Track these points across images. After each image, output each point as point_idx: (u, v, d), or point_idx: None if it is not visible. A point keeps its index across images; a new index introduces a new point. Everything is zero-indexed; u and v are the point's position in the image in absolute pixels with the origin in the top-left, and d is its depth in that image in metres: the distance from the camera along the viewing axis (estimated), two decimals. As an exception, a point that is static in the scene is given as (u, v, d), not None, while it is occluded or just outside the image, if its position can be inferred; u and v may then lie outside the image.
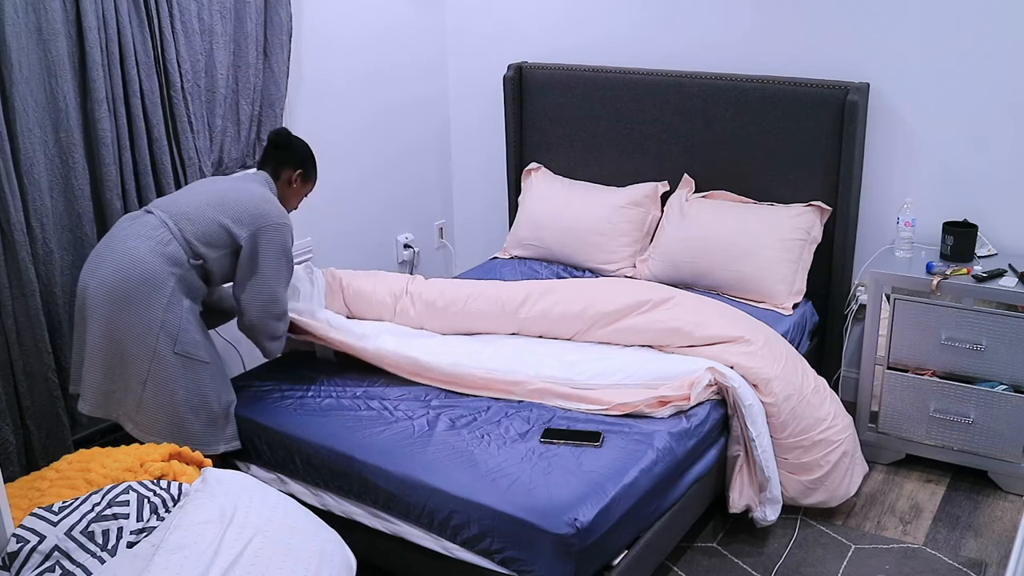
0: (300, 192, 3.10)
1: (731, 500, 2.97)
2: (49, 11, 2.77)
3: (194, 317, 2.76)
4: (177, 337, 2.68)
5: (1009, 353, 3.16)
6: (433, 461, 2.57)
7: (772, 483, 2.93)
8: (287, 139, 3.05)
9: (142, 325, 2.64)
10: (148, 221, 2.74)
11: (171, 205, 2.79)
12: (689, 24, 3.85)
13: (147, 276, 2.64)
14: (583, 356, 3.03)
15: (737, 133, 3.71)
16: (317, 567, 2.00)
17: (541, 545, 2.32)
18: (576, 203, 3.96)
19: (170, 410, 2.70)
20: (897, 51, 3.47)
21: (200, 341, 2.76)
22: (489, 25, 4.34)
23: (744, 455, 2.94)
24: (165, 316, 2.66)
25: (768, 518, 2.97)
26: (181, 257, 2.71)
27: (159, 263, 2.67)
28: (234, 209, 2.80)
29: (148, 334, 2.64)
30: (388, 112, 4.23)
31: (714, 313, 3.16)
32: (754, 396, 2.89)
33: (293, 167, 3.04)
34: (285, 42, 3.51)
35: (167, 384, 2.68)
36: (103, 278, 2.65)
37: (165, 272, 2.67)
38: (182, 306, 2.71)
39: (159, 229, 2.71)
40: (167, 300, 2.66)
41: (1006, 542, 3.02)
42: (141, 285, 2.64)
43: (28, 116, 2.77)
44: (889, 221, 3.62)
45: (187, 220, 2.75)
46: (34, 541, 1.86)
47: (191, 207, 2.78)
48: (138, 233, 2.71)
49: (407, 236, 4.44)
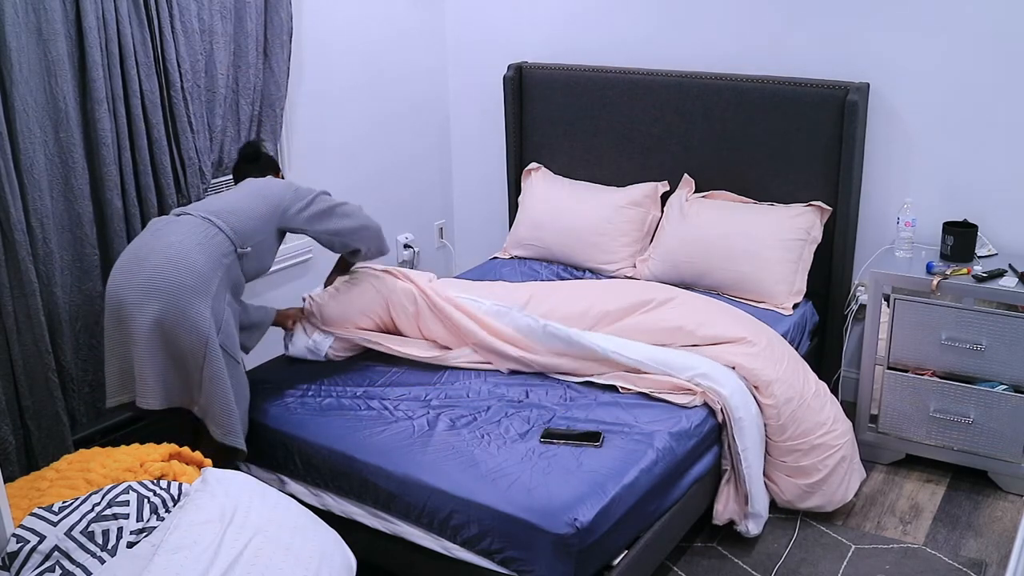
0: None
1: (715, 512, 2.97)
2: (49, 11, 2.77)
3: (233, 313, 2.81)
4: (221, 329, 2.72)
5: (1009, 353, 3.16)
6: (433, 461, 2.57)
7: (755, 498, 2.94)
8: (258, 151, 3.21)
9: (195, 315, 2.64)
10: (186, 221, 2.78)
11: (206, 205, 2.86)
12: (689, 24, 3.85)
13: (198, 268, 2.67)
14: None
15: (737, 133, 3.71)
16: (317, 567, 2.00)
17: (541, 545, 2.32)
18: (576, 203, 3.96)
19: (224, 398, 2.72)
20: (897, 51, 3.47)
21: (236, 339, 2.82)
22: (489, 25, 4.34)
23: (732, 469, 2.95)
24: (214, 306, 2.70)
25: (751, 532, 2.98)
26: (227, 247, 2.78)
27: (207, 255, 2.71)
28: (268, 184, 2.98)
29: (202, 322, 2.66)
30: (388, 112, 4.23)
31: (717, 313, 3.16)
32: (746, 410, 2.88)
33: (272, 172, 3.16)
34: (285, 42, 3.51)
35: (217, 373, 2.70)
36: (150, 276, 2.64)
37: (214, 263, 2.72)
38: (224, 300, 2.76)
39: (202, 225, 2.76)
40: (215, 292, 2.71)
41: (1006, 542, 3.02)
42: (193, 277, 2.66)
43: (28, 116, 2.77)
44: (889, 221, 3.62)
45: (227, 211, 2.83)
46: (34, 541, 1.86)
47: (225, 201, 2.88)
48: (179, 231, 2.74)
49: (407, 236, 4.44)
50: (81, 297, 3.02)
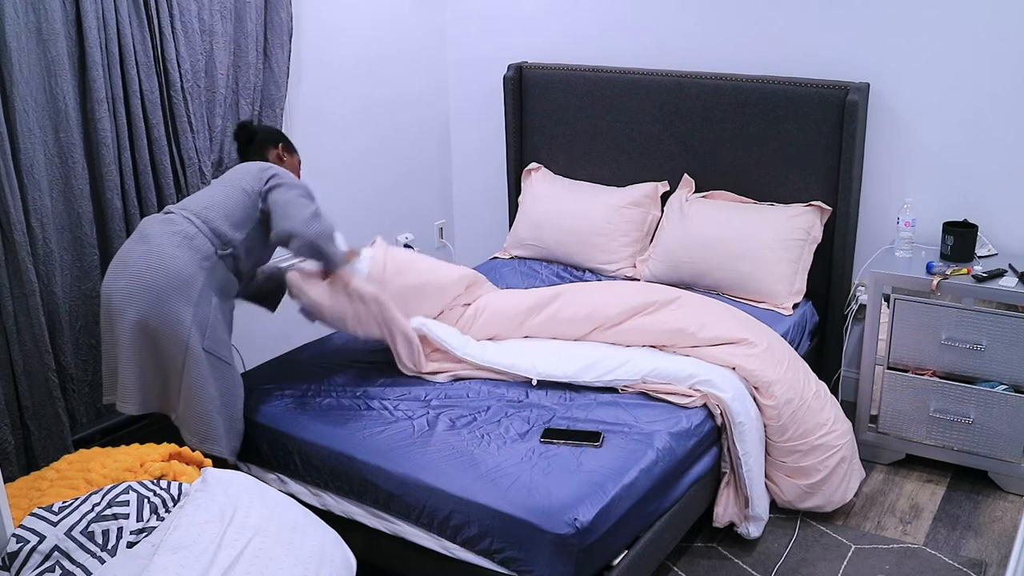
0: (292, 165, 3.13)
1: (716, 514, 2.97)
2: (49, 11, 2.77)
3: (222, 316, 2.78)
4: (205, 333, 2.70)
5: (1009, 353, 3.16)
6: (433, 461, 2.57)
7: (755, 501, 2.94)
8: (250, 131, 3.10)
9: (174, 319, 2.64)
10: (171, 220, 2.76)
11: (190, 203, 2.83)
12: (689, 24, 3.85)
13: (177, 272, 2.66)
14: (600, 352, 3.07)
15: (737, 133, 3.71)
16: (317, 567, 2.00)
17: (541, 545, 2.32)
18: (576, 203, 3.96)
19: (201, 406, 2.71)
20: (897, 51, 3.47)
21: (226, 342, 2.79)
22: (489, 25, 4.34)
23: (732, 472, 2.95)
24: (196, 311, 2.68)
25: (752, 534, 2.98)
26: (208, 249, 2.74)
27: (188, 258, 2.69)
28: (245, 173, 2.89)
29: (181, 328, 2.65)
30: (388, 112, 4.23)
31: (719, 314, 3.16)
32: (746, 414, 2.88)
33: (273, 145, 3.08)
34: (285, 42, 3.51)
35: (199, 379, 2.69)
36: (131, 278, 2.65)
37: (195, 266, 2.70)
38: (211, 303, 2.73)
39: (183, 225, 2.74)
40: (197, 295, 2.69)
41: (1006, 542, 3.02)
42: (172, 281, 2.65)
43: (28, 116, 2.77)
44: (889, 221, 3.62)
45: (208, 209, 2.78)
46: (34, 541, 1.86)
47: (208, 197, 2.83)
48: (162, 232, 2.72)
49: (407, 236, 4.44)
50: (81, 297, 3.02)
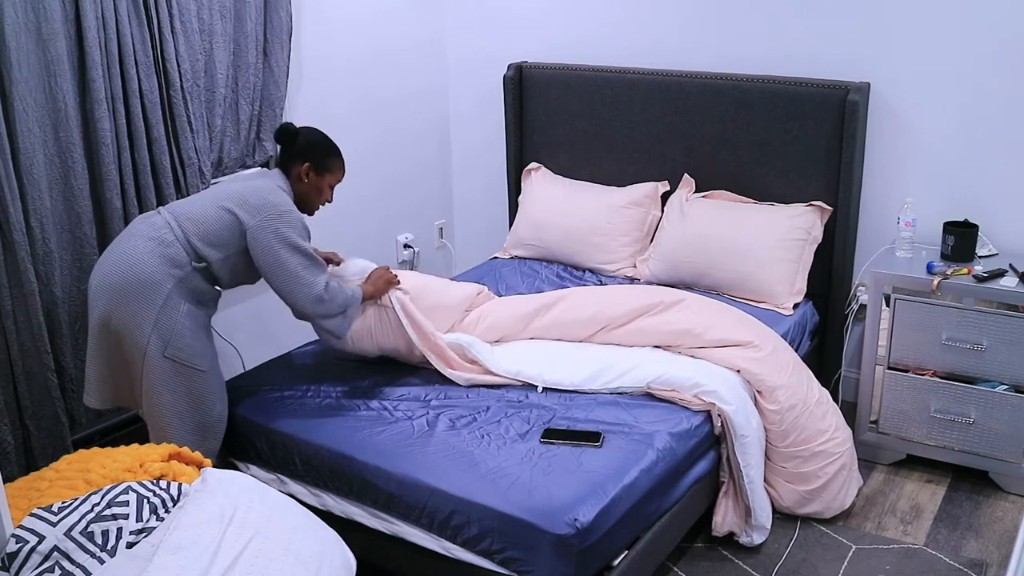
0: (317, 186, 2.92)
1: (715, 523, 2.96)
2: (48, 11, 2.77)
3: (193, 322, 2.72)
4: (169, 341, 2.66)
5: (1009, 353, 3.15)
6: (433, 461, 2.57)
7: (758, 511, 2.93)
8: (288, 134, 2.89)
9: (134, 324, 2.64)
10: (154, 222, 2.74)
11: (179, 207, 2.79)
12: (690, 24, 3.85)
13: (143, 276, 2.64)
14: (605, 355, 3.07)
15: (737, 133, 3.71)
16: (317, 567, 2.00)
17: (541, 545, 2.32)
18: (576, 203, 3.96)
19: (156, 410, 2.71)
20: (897, 51, 3.47)
21: (197, 348, 2.72)
22: (489, 25, 4.34)
23: (731, 481, 2.94)
24: (159, 317, 2.65)
25: (755, 542, 2.98)
26: (182, 259, 2.70)
27: (157, 264, 2.66)
28: (240, 197, 2.75)
29: (140, 333, 2.64)
30: (388, 112, 4.22)
31: (725, 316, 3.16)
32: (749, 426, 2.87)
33: (300, 161, 2.88)
34: (285, 42, 3.51)
35: (154, 385, 2.68)
36: (103, 275, 2.67)
37: (163, 273, 2.66)
38: (179, 310, 2.68)
39: (162, 230, 2.71)
40: (163, 302, 2.65)
41: (1007, 542, 3.02)
42: (136, 284, 2.64)
43: (28, 116, 2.76)
44: (889, 221, 3.62)
45: (191, 220, 2.73)
46: (33, 541, 1.85)
47: (197, 206, 2.77)
48: (141, 233, 2.71)
49: (407, 236, 4.44)
50: (80, 297, 3.01)
